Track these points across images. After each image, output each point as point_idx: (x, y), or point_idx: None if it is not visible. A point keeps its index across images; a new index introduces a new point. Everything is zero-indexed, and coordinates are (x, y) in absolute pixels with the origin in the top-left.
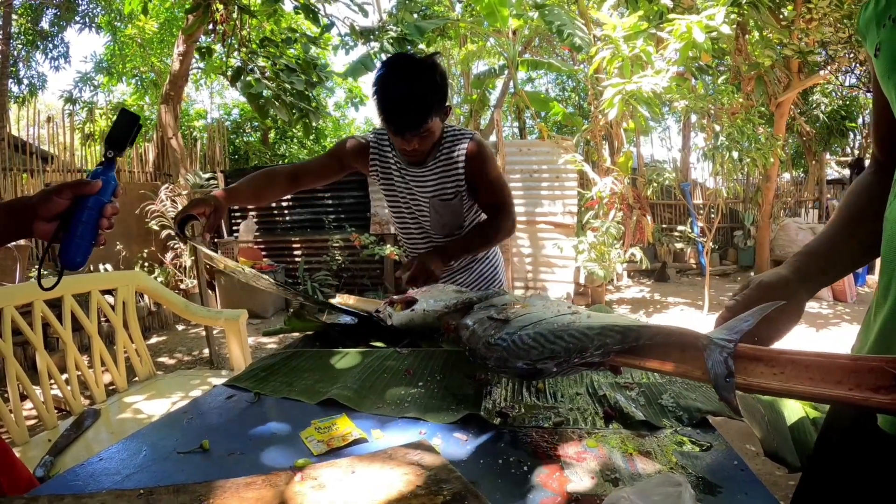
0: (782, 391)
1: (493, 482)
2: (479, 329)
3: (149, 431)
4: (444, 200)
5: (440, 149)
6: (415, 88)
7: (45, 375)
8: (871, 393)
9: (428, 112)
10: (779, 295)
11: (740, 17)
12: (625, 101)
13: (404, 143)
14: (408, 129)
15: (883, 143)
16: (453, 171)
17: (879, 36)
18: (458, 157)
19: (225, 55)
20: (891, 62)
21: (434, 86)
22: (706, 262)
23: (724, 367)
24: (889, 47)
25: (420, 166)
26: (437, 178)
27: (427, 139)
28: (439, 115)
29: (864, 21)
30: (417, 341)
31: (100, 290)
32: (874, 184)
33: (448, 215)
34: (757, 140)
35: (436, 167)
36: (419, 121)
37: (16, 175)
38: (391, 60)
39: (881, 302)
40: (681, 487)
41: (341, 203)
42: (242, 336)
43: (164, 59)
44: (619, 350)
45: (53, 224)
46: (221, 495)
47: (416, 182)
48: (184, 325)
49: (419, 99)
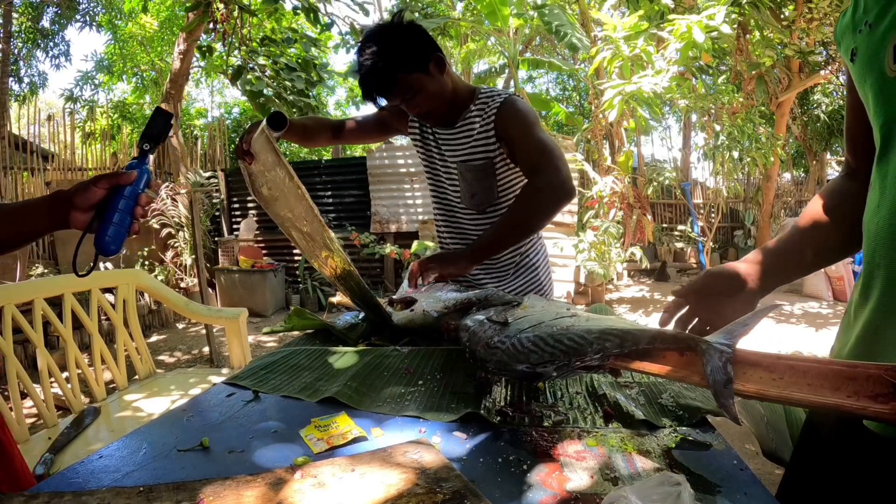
0: (780, 398)
1: (492, 481)
2: (479, 331)
3: (149, 429)
4: (474, 165)
5: (472, 109)
6: (376, 54)
7: (45, 373)
8: (869, 401)
9: (388, 70)
10: (724, 284)
11: (741, 17)
12: (625, 101)
13: (407, 108)
14: (379, 94)
15: (856, 148)
16: (483, 133)
17: (855, 41)
18: (488, 118)
19: (225, 54)
20: (867, 66)
21: (396, 45)
22: (706, 262)
23: (723, 373)
24: (865, 51)
25: (448, 127)
26: (465, 140)
27: (422, 97)
28: (417, 71)
29: (840, 29)
30: (417, 340)
31: (100, 288)
32: (843, 189)
33: (477, 185)
34: (757, 140)
35: (464, 128)
36: (385, 84)
37: (16, 173)
38: (364, 35)
39: (861, 303)
40: (680, 487)
41: (341, 202)
42: (242, 334)
43: (165, 58)
44: (618, 354)
45: (89, 214)
46: (221, 493)
47: (447, 146)
48: (184, 324)
49: (378, 64)
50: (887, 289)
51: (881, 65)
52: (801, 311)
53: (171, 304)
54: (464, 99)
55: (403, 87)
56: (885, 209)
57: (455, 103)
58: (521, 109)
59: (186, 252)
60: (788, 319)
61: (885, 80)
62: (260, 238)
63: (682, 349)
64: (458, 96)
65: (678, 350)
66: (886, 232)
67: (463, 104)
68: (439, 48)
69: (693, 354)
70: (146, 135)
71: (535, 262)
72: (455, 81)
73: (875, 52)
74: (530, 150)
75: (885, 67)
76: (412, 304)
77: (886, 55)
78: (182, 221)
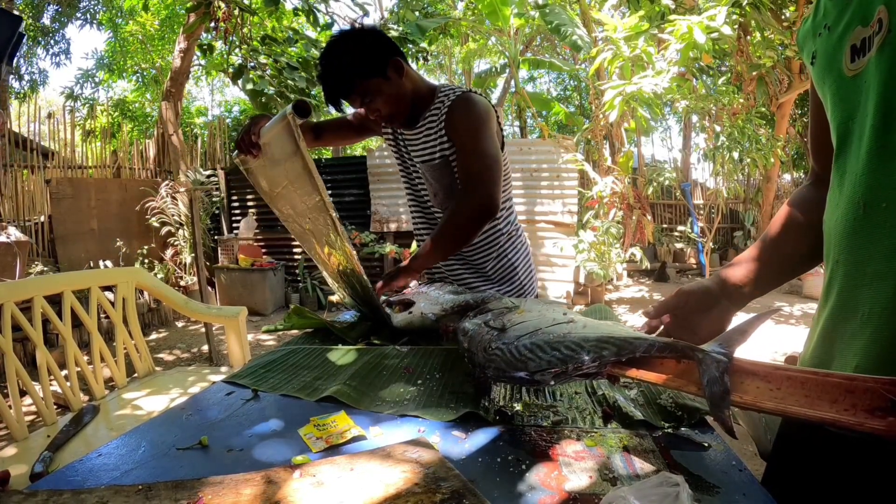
0: (776, 410)
1: (491, 480)
2: (477, 336)
3: (148, 427)
4: (432, 164)
5: (431, 109)
6: (335, 60)
7: (44, 371)
8: (867, 415)
9: (344, 76)
10: (695, 302)
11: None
12: (625, 102)
13: (368, 112)
14: (341, 95)
15: (819, 153)
16: (437, 132)
17: (815, 45)
18: (441, 116)
19: (226, 53)
20: (825, 68)
21: (343, 53)
22: (706, 263)
23: (720, 384)
24: (823, 53)
25: (410, 128)
26: (424, 139)
27: (381, 100)
28: (374, 76)
29: (802, 34)
30: (416, 339)
31: (100, 286)
32: (809, 197)
33: (437, 184)
34: (758, 141)
35: (423, 128)
36: (344, 89)
37: (16, 171)
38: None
39: (823, 304)
40: (679, 487)
41: (341, 201)
42: (242, 333)
43: (166, 56)
44: (615, 362)
45: None
46: (220, 491)
47: (411, 146)
48: (183, 322)
49: (332, 70)
50: (846, 286)
51: (839, 65)
52: (800, 313)
53: (170, 302)
54: (425, 99)
55: (361, 91)
56: (843, 206)
57: (417, 104)
58: (470, 110)
59: (186, 250)
60: (788, 321)
61: (842, 80)
62: (260, 237)
63: (679, 358)
64: (419, 97)
65: (675, 359)
66: (843, 228)
67: (424, 104)
68: (399, 51)
69: (690, 363)
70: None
71: (515, 262)
72: (416, 82)
73: (833, 54)
74: (467, 162)
75: (843, 68)
76: (410, 305)
77: (844, 56)
78: (182, 220)
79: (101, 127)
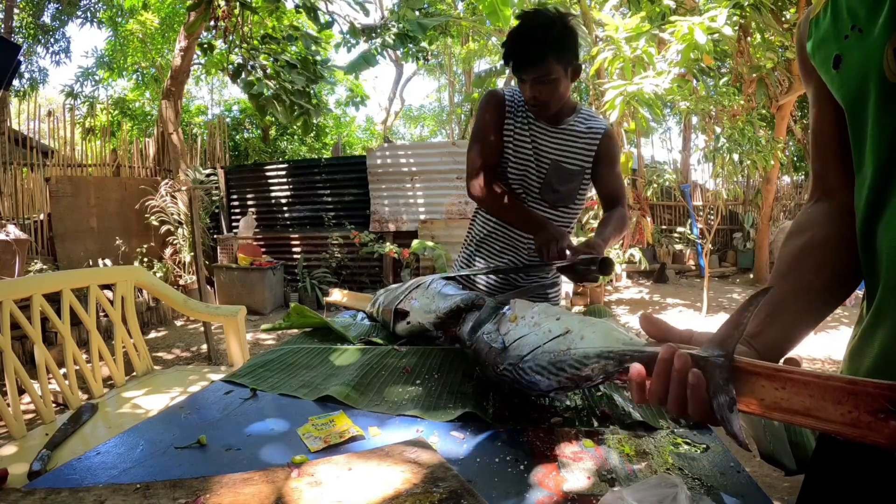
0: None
1: (489, 481)
2: (482, 353)
3: (146, 426)
4: (567, 167)
5: (576, 116)
6: (535, 29)
7: (43, 370)
8: (870, 417)
9: (545, 48)
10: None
11: (742, 20)
12: (626, 102)
13: (530, 88)
14: (526, 62)
15: (829, 164)
16: (584, 142)
17: (840, 48)
18: (593, 131)
19: (226, 52)
20: (859, 72)
21: (556, 31)
22: (705, 264)
23: (725, 393)
24: (858, 57)
25: (550, 124)
26: (566, 141)
27: (550, 88)
28: (562, 65)
29: (818, 37)
30: (415, 339)
31: (99, 284)
32: (818, 216)
33: (561, 185)
34: (757, 142)
35: (567, 130)
36: (536, 55)
37: (16, 169)
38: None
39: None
40: (677, 489)
41: (341, 200)
42: (241, 332)
43: (166, 55)
44: (618, 372)
45: None
46: (218, 491)
47: (545, 139)
48: (182, 321)
49: (538, 36)
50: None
51: (879, 69)
52: None
53: (169, 301)
54: (569, 108)
55: (546, 69)
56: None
57: (562, 108)
58: (616, 142)
59: (185, 249)
60: None
61: (885, 84)
62: (259, 236)
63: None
64: (566, 104)
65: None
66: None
67: (566, 112)
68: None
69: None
70: None
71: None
72: (569, 92)
73: (870, 57)
74: (619, 181)
75: (886, 72)
76: (405, 315)
77: (885, 59)
78: (181, 218)
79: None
